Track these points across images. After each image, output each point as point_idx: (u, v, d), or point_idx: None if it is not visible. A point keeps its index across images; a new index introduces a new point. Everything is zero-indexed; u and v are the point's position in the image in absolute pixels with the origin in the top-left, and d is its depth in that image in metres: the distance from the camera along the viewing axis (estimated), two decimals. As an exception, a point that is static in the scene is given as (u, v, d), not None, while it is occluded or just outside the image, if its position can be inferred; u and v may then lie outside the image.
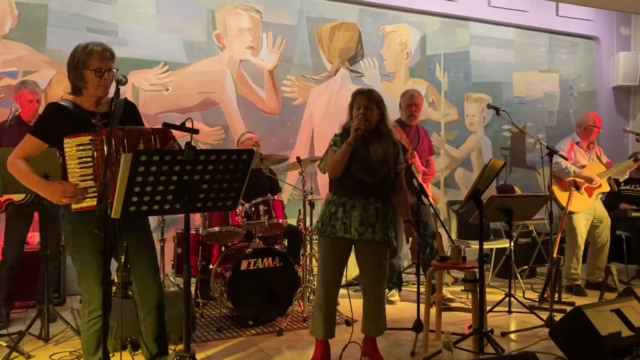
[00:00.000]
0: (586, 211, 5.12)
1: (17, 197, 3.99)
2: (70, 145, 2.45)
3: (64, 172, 2.49)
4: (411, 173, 4.47)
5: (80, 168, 2.44)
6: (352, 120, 3.20)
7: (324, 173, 3.26)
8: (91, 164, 2.44)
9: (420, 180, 4.47)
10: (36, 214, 4.16)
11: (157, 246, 3.03)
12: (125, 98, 2.79)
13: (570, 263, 5.14)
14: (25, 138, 2.60)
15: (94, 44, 2.58)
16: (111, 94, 2.59)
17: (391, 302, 4.77)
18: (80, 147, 2.45)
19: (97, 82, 2.55)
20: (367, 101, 3.16)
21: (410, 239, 3.28)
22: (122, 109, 2.62)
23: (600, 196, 5.24)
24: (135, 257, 2.68)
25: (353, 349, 3.37)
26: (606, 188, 5.16)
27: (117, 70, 2.61)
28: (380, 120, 3.21)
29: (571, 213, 5.10)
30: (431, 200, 4.40)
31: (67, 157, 2.46)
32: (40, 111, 4.15)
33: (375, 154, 3.14)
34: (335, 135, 3.27)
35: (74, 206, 2.47)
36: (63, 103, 2.59)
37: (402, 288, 5.14)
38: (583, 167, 5.13)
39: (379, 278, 3.26)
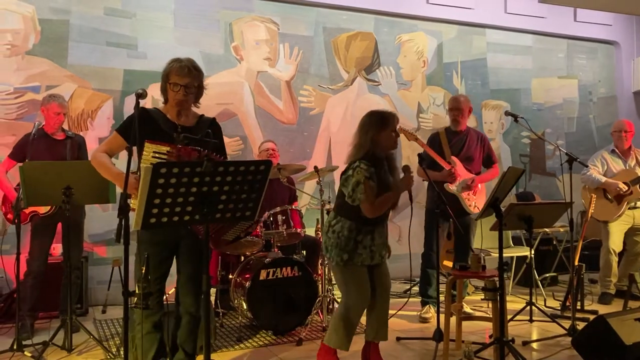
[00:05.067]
0: (622, 219, 5.04)
1: (43, 210, 4.06)
2: (149, 150, 2.57)
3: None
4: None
5: None
6: (377, 145, 3.12)
7: (355, 204, 3.05)
8: None
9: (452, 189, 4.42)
10: (59, 225, 4.24)
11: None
12: (214, 118, 2.93)
13: (604, 270, 5.10)
14: (111, 135, 2.79)
15: (179, 60, 2.76)
16: (211, 113, 2.71)
17: (425, 320, 4.49)
18: (157, 155, 2.57)
19: (173, 96, 2.74)
20: (396, 124, 3.18)
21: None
22: (207, 128, 2.80)
23: (634, 203, 5.04)
24: (183, 262, 2.80)
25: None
26: (638, 195, 5.01)
27: (202, 87, 2.80)
28: None
29: (605, 221, 5.05)
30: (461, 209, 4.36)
31: (142, 160, 2.58)
32: (64, 125, 4.29)
33: (396, 179, 3.21)
34: (364, 164, 3.04)
35: (132, 205, 2.54)
36: (150, 110, 2.78)
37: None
38: (615, 175, 5.06)
39: (389, 288, 3.35)
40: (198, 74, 2.77)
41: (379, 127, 3.12)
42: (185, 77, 2.71)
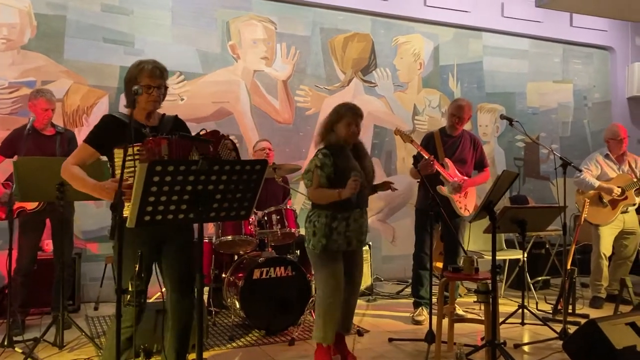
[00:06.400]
0: (613, 223, 5.06)
1: (30, 205, 4.02)
2: (119, 155, 2.55)
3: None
4: (439, 181, 4.45)
5: (127, 177, 2.49)
6: (334, 135, 3.28)
7: (308, 187, 3.33)
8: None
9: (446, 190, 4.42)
10: (49, 222, 4.21)
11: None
12: (176, 115, 2.94)
13: (595, 275, 5.12)
14: (79, 146, 2.74)
15: (146, 62, 2.74)
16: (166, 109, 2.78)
17: (418, 323, 4.47)
18: (128, 157, 2.52)
19: (146, 98, 2.70)
20: (357, 118, 3.31)
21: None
22: (172, 124, 2.81)
23: (625, 208, 5.07)
24: (172, 265, 2.75)
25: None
26: (633, 200, 5.02)
27: (167, 87, 2.80)
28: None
29: (597, 225, 5.07)
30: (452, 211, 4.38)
31: (115, 167, 2.57)
32: (53, 120, 4.26)
33: (369, 166, 3.38)
34: (321, 153, 3.27)
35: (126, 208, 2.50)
36: (117, 115, 2.74)
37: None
38: (610, 180, 5.07)
39: (359, 281, 3.52)
40: (166, 74, 2.80)
41: (334, 119, 3.32)
42: (158, 79, 2.72)
